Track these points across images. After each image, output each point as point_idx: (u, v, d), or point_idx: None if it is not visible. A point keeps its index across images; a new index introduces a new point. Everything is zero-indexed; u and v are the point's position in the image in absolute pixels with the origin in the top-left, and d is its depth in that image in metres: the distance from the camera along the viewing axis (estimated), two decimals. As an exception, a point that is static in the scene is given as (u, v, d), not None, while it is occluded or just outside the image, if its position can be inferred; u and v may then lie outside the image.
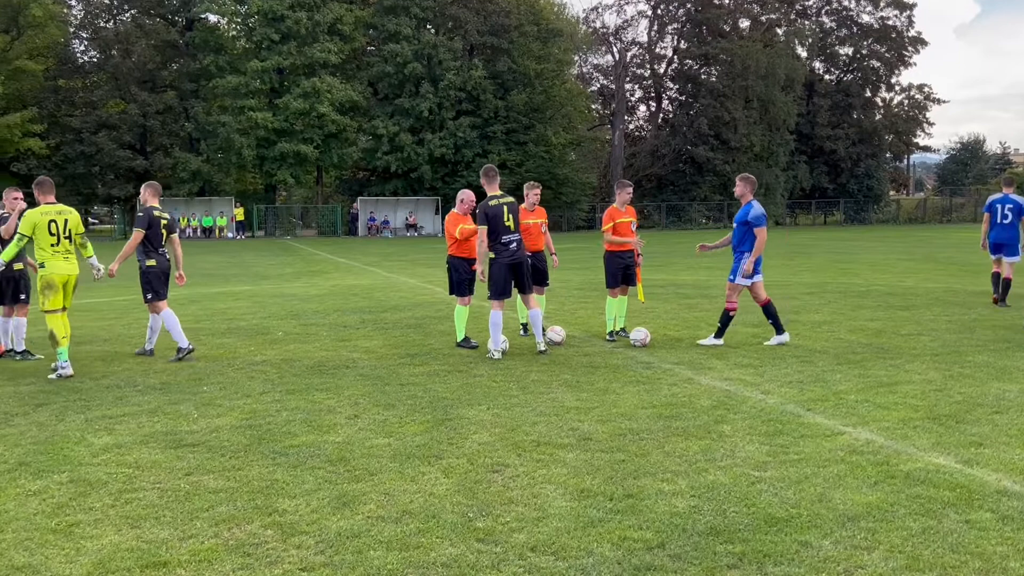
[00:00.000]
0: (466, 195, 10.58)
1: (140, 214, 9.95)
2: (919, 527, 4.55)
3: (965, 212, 73.32)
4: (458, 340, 10.34)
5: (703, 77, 67.85)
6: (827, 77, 76.25)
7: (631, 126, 73.10)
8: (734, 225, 10.41)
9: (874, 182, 73.44)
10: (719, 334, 10.37)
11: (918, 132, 78.39)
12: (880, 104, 76.21)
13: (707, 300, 15.12)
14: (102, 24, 52.02)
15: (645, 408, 7.17)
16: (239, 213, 50.54)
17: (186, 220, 50.58)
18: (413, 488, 5.21)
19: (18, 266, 9.95)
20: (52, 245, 8.80)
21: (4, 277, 9.74)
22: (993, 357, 9.26)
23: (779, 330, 10.41)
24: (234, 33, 53.07)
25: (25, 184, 44.36)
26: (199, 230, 50.53)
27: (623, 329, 11.15)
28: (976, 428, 6.46)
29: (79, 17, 53.08)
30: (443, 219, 53.88)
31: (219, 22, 53.68)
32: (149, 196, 10.17)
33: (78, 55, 51.19)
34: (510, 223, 9.59)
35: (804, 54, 74.55)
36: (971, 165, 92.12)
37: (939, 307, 13.71)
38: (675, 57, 69.39)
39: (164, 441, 6.28)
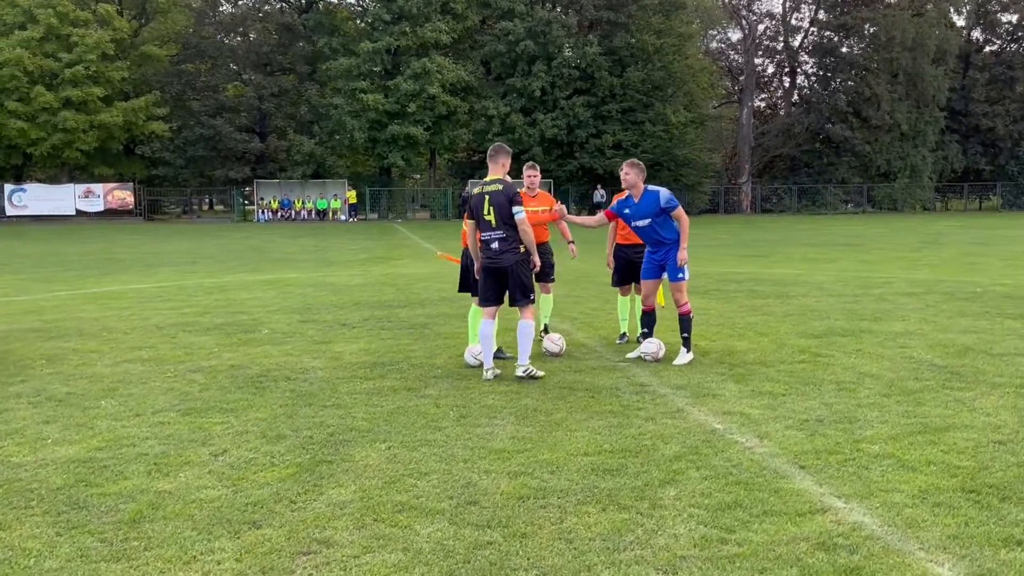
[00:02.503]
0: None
1: None
2: None
3: None
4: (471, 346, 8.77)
5: (843, 50, 63.33)
6: (987, 48, 69.73)
7: (761, 103, 69.26)
8: (641, 223, 8.57)
9: (1039, 163, 66.68)
10: (689, 345, 8.58)
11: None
12: (1050, 76, 69.03)
13: (781, 301, 13.13)
14: (223, 9, 53.13)
15: (588, 455, 5.59)
16: (351, 196, 50.73)
17: (300, 203, 51.24)
18: (174, 577, 3.90)
19: None
20: None
21: None
22: (1100, 393, 7.10)
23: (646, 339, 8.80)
24: (348, 14, 53.18)
25: (153, 166, 46.36)
26: (313, 212, 51.09)
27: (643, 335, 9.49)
28: (1026, 512, 4.57)
29: (202, 2, 54.43)
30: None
31: (335, 3, 53.91)
32: None
33: (200, 39, 52.46)
34: (491, 217, 7.81)
35: (961, 23, 68.48)
36: None
37: (1062, 315, 11.27)
38: (812, 29, 65.01)
39: (-28, 478, 5.22)
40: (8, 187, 49.05)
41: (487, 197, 7.86)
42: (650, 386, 7.53)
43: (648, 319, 8.90)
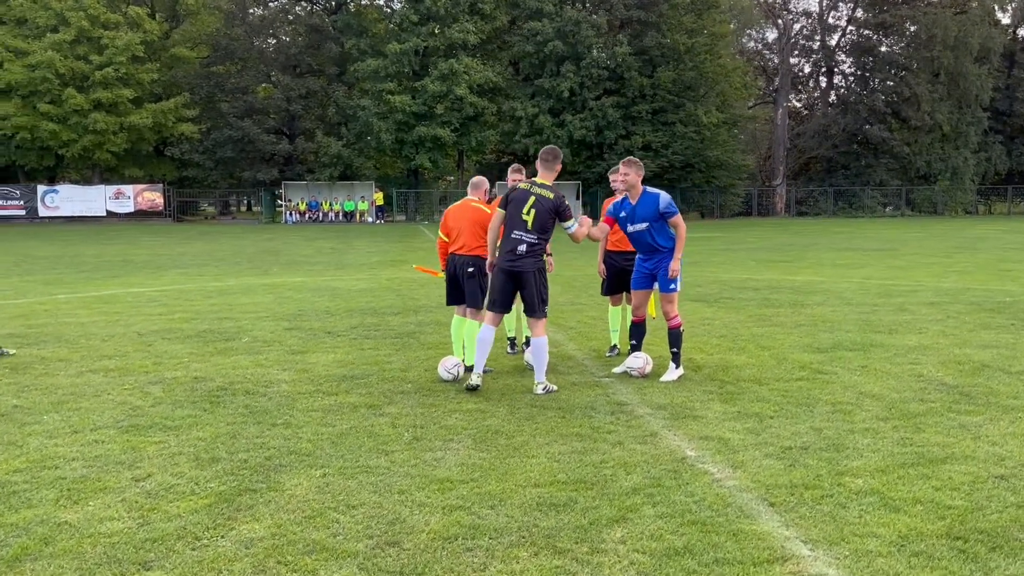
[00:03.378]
0: (481, 181, 8.69)
1: None
2: None
3: None
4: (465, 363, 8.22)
5: (882, 49, 61.91)
6: (1033, 46, 67.77)
7: (798, 103, 68.02)
8: (638, 227, 7.99)
9: (1087, 165, 64.61)
10: (678, 361, 8.01)
11: None
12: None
13: (794, 310, 12.50)
14: (253, 12, 53.21)
15: (539, 486, 5.10)
16: (379, 198, 50.58)
17: (328, 204, 51.20)
18: (31, 629, 3.48)
19: None
20: None
21: None
22: (1122, 419, 6.44)
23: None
24: (377, 15, 53.01)
25: (183, 167, 46.63)
26: (341, 214, 51.00)
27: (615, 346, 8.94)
28: (1019, 567, 4.00)
29: (231, 4, 54.53)
30: (583, 204, 51.89)
31: (363, 4, 53.75)
32: None
33: (229, 41, 52.53)
34: (528, 218, 7.30)
35: (1006, 20, 66.68)
36: None
37: (1094, 328, 10.53)
38: (849, 27, 63.64)
39: None
40: (41, 188, 49.60)
41: (533, 198, 7.35)
42: (628, 405, 7.01)
43: (637, 331, 8.37)
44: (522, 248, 7.38)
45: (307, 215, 50.67)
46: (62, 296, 14.68)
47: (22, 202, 49.07)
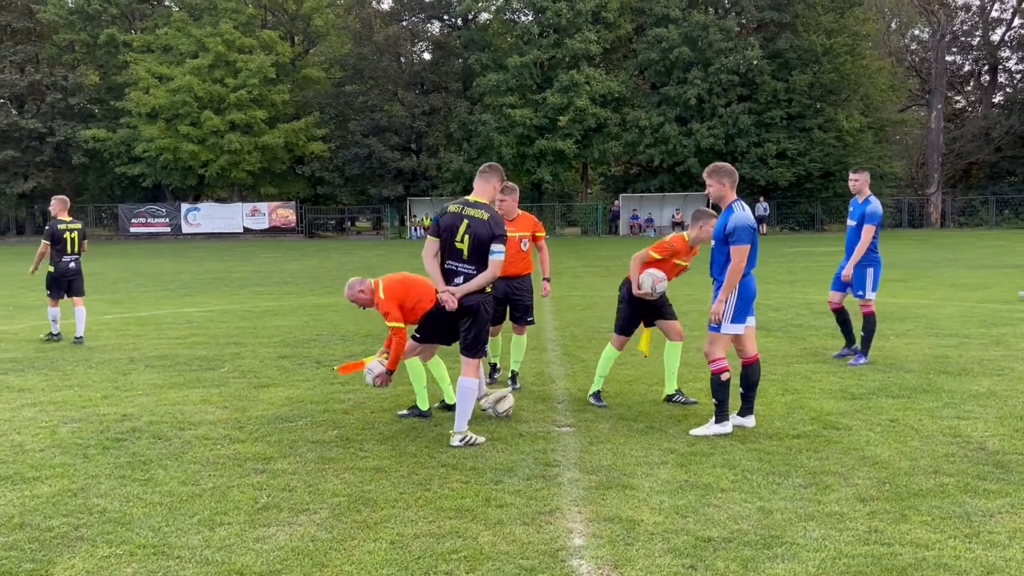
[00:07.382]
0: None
1: (47, 227, 11.51)
2: None
3: None
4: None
5: (1055, 42, 56.19)
6: None
7: (959, 103, 62.77)
8: (712, 242, 6.71)
9: None
10: (720, 416, 6.61)
11: None
12: None
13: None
14: (377, 31, 54.10)
15: (344, 584, 4.07)
16: (499, 212, 50.22)
17: (453, 219, 51.31)
18: None
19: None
20: None
21: None
22: None
23: (745, 410, 6.77)
24: (501, 28, 52.79)
25: (318, 184, 47.53)
26: (464, 229, 50.96)
27: (678, 391, 7.60)
28: None
29: (359, 25, 55.71)
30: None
31: (487, 20, 53.68)
32: (57, 210, 11.65)
33: (358, 60, 53.61)
34: (463, 246, 6.33)
35: None
36: None
37: None
38: (1016, 20, 58.14)
39: None
40: (184, 206, 52.20)
41: (465, 222, 6.37)
42: (557, 467, 5.84)
43: (746, 376, 6.82)
44: (459, 280, 6.41)
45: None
46: (109, 316, 14.69)
47: (167, 219, 51.77)
